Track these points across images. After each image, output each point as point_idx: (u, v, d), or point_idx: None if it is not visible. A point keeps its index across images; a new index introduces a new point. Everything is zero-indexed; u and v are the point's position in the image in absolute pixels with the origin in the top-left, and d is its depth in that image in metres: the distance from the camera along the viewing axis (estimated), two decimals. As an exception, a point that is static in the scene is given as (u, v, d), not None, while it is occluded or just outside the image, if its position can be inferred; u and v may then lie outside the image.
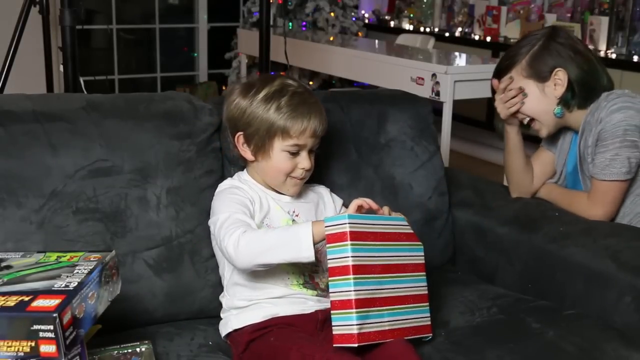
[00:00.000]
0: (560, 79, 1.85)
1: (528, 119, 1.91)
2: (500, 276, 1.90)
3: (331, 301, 1.37)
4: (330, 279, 1.36)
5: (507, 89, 1.89)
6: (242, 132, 1.57)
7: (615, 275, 1.63)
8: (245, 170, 1.65)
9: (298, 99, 1.54)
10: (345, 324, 1.35)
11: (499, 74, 1.94)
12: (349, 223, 1.34)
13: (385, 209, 1.50)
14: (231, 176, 1.68)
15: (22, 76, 3.19)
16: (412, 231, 1.50)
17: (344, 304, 1.35)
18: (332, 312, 1.36)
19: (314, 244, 1.37)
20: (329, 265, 1.36)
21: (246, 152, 1.59)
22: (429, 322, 1.50)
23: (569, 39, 1.90)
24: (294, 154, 1.55)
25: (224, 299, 1.59)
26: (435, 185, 1.98)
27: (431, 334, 1.51)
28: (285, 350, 1.39)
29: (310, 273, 1.55)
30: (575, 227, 1.79)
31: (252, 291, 1.53)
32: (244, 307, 1.53)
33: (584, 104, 1.86)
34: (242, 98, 1.57)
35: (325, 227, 1.36)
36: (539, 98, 1.87)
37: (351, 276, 1.33)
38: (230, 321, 1.53)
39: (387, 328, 1.40)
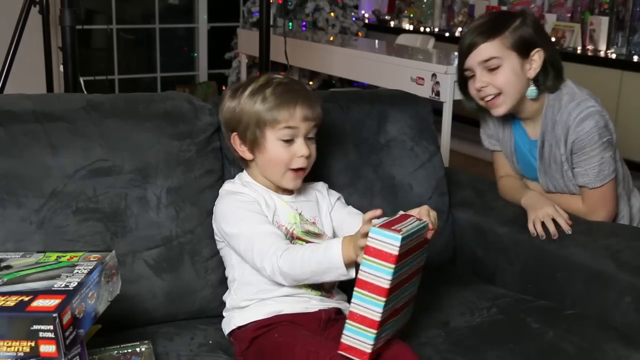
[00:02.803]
0: (536, 60, 1.82)
1: (492, 96, 1.82)
2: (500, 276, 1.90)
3: (350, 311, 1.31)
4: (357, 290, 1.29)
5: (489, 59, 1.80)
6: (235, 132, 1.58)
7: (615, 275, 1.63)
8: (245, 171, 1.65)
9: (282, 88, 1.54)
10: (360, 340, 1.30)
11: (474, 44, 1.81)
12: (400, 246, 1.24)
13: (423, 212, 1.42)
14: (231, 176, 1.68)
15: (22, 76, 3.19)
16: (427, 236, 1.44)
17: (364, 321, 1.29)
18: (348, 321, 1.31)
19: (347, 264, 1.37)
20: (360, 277, 1.29)
21: (244, 152, 1.59)
22: (408, 317, 1.49)
23: (540, 23, 1.88)
24: (289, 142, 1.54)
25: (229, 298, 1.59)
26: (436, 185, 1.98)
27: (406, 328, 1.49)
28: (289, 346, 1.39)
29: None
30: (575, 227, 1.79)
31: (260, 290, 1.53)
32: (247, 306, 1.53)
33: (552, 89, 1.84)
34: (231, 99, 1.59)
35: (370, 237, 1.26)
36: (516, 73, 1.81)
37: (384, 299, 1.27)
38: (234, 318, 1.53)
39: (389, 337, 1.39)
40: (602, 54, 4.09)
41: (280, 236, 1.49)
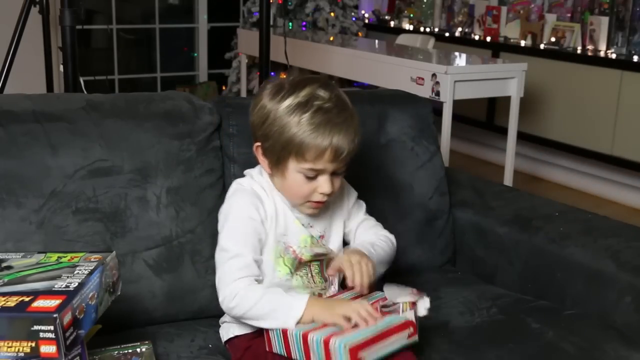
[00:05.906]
0: None
1: None
2: (500, 276, 1.90)
3: None
4: None
5: None
6: (260, 144, 1.45)
7: (615, 275, 1.63)
8: (265, 171, 1.52)
9: (321, 117, 1.37)
10: None
11: None
12: None
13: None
14: (231, 175, 1.67)
15: (22, 76, 3.19)
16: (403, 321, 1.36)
17: None
18: None
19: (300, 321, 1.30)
20: None
21: (264, 165, 1.47)
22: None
23: None
24: (311, 178, 1.40)
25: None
26: (436, 186, 1.98)
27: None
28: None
29: (319, 292, 1.48)
30: (575, 227, 1.79)
31: None
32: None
33: None
34: (270, 101, 1.42)
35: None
36: None
37: None
38: (232, 327, 1.50)
39: None
40: (602, 54, 4.09)
41: (256, 274, 1.41)
